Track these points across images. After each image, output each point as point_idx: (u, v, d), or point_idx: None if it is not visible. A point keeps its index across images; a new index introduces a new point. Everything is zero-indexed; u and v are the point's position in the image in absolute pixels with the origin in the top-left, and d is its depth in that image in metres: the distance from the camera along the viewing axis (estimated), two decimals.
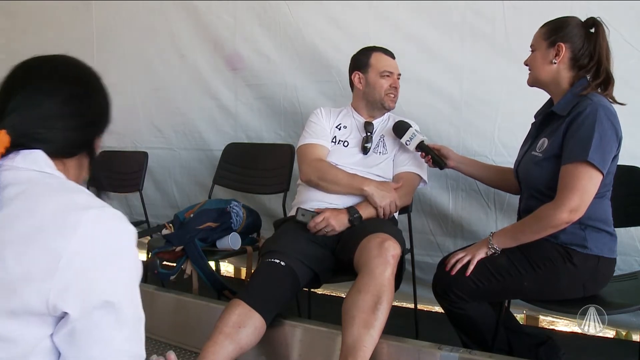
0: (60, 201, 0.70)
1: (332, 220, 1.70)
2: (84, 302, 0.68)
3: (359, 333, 1.37)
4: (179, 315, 1.89)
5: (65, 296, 0.67)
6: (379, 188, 1.77)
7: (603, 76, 1.42)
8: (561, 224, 1.35)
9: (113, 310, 0.70)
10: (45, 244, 0.67)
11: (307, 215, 1.73)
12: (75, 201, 0.71)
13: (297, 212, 1.74)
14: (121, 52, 3.15)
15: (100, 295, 0.69)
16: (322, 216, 1.70)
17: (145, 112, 3.10)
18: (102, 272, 0.70)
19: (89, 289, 0.68)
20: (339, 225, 1.71)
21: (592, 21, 1.45)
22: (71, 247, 0.67)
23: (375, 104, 1.92)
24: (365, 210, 1.75)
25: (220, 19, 2.74)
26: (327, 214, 1.71)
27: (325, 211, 1.72)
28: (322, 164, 1.84)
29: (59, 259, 0.66)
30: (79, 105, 0.80)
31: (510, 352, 1.57)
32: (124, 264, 0.73)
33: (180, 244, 1.94)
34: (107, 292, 0.70)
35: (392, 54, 1.94)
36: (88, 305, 0.68)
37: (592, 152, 1.32)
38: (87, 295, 0.68)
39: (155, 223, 2.77)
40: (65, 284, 0.66)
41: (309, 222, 1.71)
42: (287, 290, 1.61)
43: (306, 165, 1.86)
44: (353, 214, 1.73)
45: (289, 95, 2.59)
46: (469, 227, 2.25)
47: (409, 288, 2.05)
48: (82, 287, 0.68)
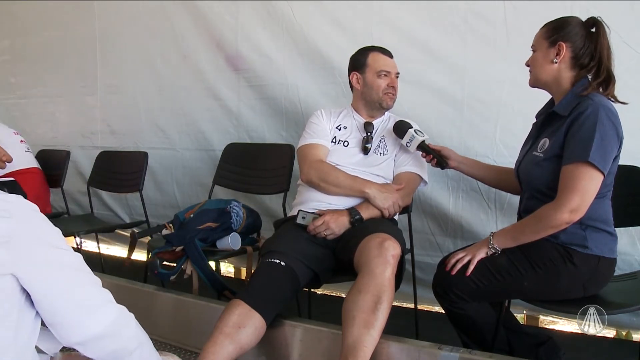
0: None
1: (332, 224, 1.70)
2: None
3: (359, 333, 1.36)
4: (179, 315, 1.89)
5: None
6: (381, 190, 1.77)
7: (604, 75, 1.41)
8: (561, 224, 1.35)
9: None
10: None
11: (308, 217, 1.73)
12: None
13: (298, 214, 1.74)
14: (124, 53, 3.16)
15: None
16: (322, 219, 1.70)
17: (147, 113, 3.11)
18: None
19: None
20: (339, 228, 1.71)
21: (593, 21, 1.45)
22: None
23: (374, 103, 1.92)
24: (366, 212, 1.75)
25: (222, 19, 2.75)
26: (327, 218, 1.71)
27: (325, 214, 1.72)
28: (323, 165, 1.84)
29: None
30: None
31: (510, 352, 1.57)
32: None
33: (180, 244, 1.94)
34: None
35: (389, 53, 1.94)
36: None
37: (593, 152, 1.32)
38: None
39: (155, 223, 2.77)
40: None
41: (309, 226, 1.71)
42: (287, 291, 1.61)
43: (307, 166, 1.85)
44: (354, 216, 1.73)
45: (290, 95, 2.60)
46: (469, 227, 2.26)
47: (409, 288, 2.05)
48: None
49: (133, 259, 2.29)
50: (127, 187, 2.90)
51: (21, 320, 0.92)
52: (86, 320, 0.97)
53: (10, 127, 2.94)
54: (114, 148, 3.18)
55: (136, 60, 3.11)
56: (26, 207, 0.94)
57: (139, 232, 2.29)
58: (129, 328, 1.07)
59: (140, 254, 2.82)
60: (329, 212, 1.74)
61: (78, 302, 0.97)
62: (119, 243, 3.51)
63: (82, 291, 0.98)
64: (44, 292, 0.93)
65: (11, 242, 0.88)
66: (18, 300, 0.91)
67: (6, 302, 0.89)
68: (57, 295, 0.94)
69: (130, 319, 1.08)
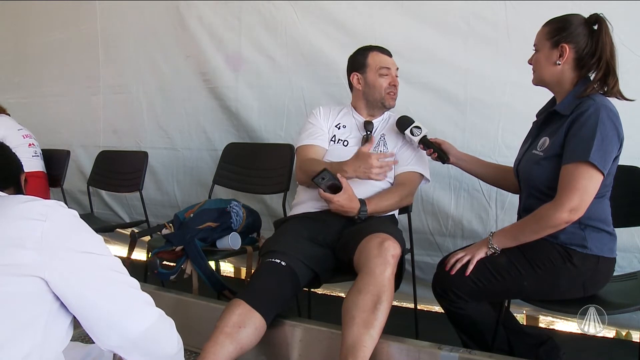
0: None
1: (347, 205, 1.68)
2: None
3: (359, 333, 1.36)
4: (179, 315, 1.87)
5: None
6: (356, 165, 1.72)
7: (603, 69, 1.40)
8: (561, 223, 1.35)
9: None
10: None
11: (326, 180, 1.67)
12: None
13: (320, 174, 1.67)
14: (126, 53, 3.17)
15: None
16: (334, 199, 1.67)
17: (149, 112, 3.12)
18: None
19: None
20: (347, 210, 1.70)
21: (596, 18, 1.44)
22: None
23: (376, 103, 1.92)
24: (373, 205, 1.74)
25: (225, 20, 2.75)
26: (343, 200, 1.68)
27: (345, 191, 1.68)
28: (308, 162, 1.85)
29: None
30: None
31: (510, 352, 1.57)
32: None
33: (180, 244, 1.94)
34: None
35: (388, 52, 1.94)
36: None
37: (594, 152, 1.32)
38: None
39: (155, 223, 2.77)
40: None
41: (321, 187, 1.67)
42: (288, 290, 1.60)
43: (297, 168, 1.90)
44: (361, 211, 1.71)
45: (295, 96, 2.60)
46: (469, 227, 2.26)
47: (409, 288, 2.05)
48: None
49: (133, 259, 2.30)
50: (127, 187, 2.91)
51: (51, 326, 0.90)
52: (125, 323, 0.95)
53: (21, 129, 2.92)
54: (116, 148, 3.18)
55: (138, 60, 3.11)
56: (64, 212, 0.93)
57: (138, 232, 2.30)
58: (168, 332, 1.05)
59: (140, 253, 2.82)
60: (349, 190, 1.70)
61: (115, 304, 0.95)
62: (119, 242, 3.51)
63: (119, 294, 0.96)
64: (76, 297, 0.91)
65: (43, 245, 0.87)
66: (49, 305, 0.89)
67: (33, 306, 0.88)
68: (92, 299, 0.92)
69: (170, 323, 1.06)
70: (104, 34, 3.24)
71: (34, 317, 0.88)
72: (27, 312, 0.87)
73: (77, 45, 3.35)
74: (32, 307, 0.88)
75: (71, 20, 3.35)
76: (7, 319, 0.85)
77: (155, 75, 3.05)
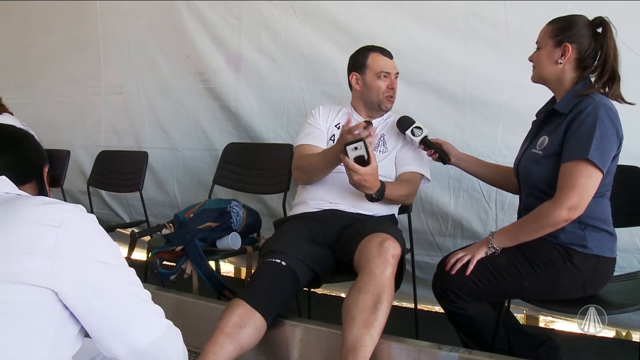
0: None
1: (370, 181, 1.60)
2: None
3: (359, 333, 1.36)
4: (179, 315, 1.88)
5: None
6: (339, 142, 1.65)
7: (608, 74, 1.41)
8: (560, 221, 1.35)
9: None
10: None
11: (358, 150, 1.55)
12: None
13: (356, 141, 1.55)
14: (126, 53, 3.17)
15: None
16: (361, 172, 1.57)
17: (150, 112, 3.12)
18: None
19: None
20: (368, 187, 1.62)
21: (600, 21, 1.44)
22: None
23: (373, 105, 1.92)
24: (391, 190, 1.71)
25: (225, 20, 2.75)
26: (369, 175, 1.59)
27: (372, 167, 1.59)
28: (301, 159, 1.86)
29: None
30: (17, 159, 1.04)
31: (510, 352, 1.56)
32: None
33: (180, 244, 1.94)
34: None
35: (389, 54, 1.93)
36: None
37: (593, 150, 1.32)
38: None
39: (155, 223, 2.77)
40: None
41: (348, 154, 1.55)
42: (288, 290, 1.61)
43: (293, 167, 1.91)
44: (380, 190, 1.65)
45: (294, 96, 2.60)
46: (469, 227, 2.26)
47: (409, 288, 2.05)
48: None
49: (133, 259, 2.30)
50: (127, 187, 2.90)
51: (60, 335, 0.88)
52: (133, 335, 0.93)
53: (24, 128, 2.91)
54: (116, 148, 3.18)
55: (139, 60, 3.11)
56: (81, 217, 0.89)
57: (139, 232, 2.30)
58: (175, 344, 1.04)
59: (140, 253, 2.82)
60: (374, 168, 1.61)
61: (125, 317, 0.92)
62: (119, 242, 3.49)
63: (129, 307, 0.94)
64: (85, 308, 0.88)
65: (55, 254, 0.83)
66: (58, 314, 0.86)
67: (42, 316, 0.85)
68: (102, 311, 0.89)
69: (177, 334, 1.05)
70: (104, 34, 3.24)
71: (43, 326, 0.85)
72: (36, 321, 0.84)
73: (78, 46, 3.35)
74: (41, 316, 0.85)
75: (72, 21, 3.35)
76: (16, 328, 0.82)
77: (156, 75, 3.05)
